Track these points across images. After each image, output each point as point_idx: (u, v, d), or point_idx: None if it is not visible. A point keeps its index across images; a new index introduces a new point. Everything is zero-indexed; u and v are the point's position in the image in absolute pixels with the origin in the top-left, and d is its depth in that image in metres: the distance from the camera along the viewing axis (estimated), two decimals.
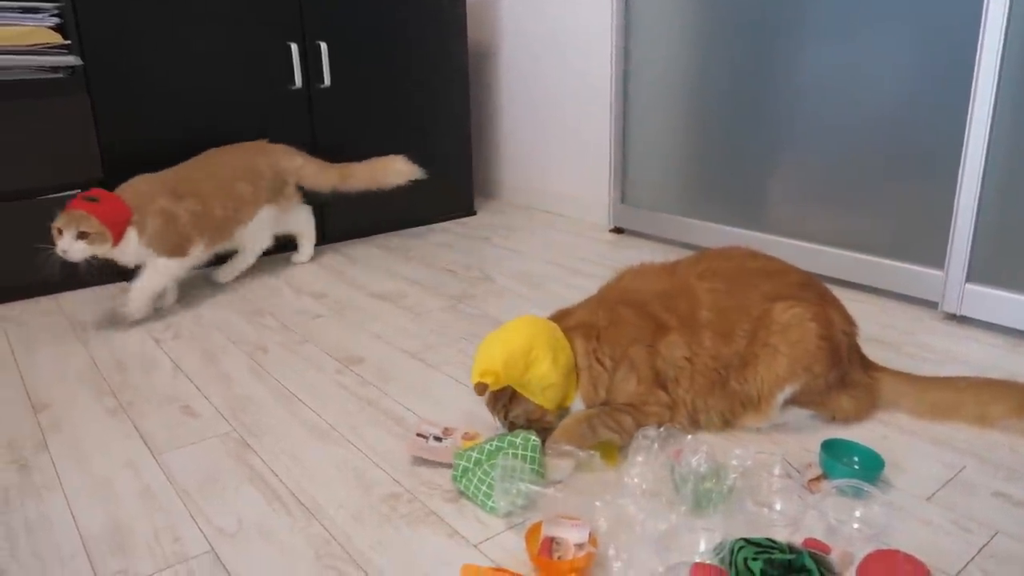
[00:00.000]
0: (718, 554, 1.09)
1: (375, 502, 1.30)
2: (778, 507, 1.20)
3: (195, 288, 2.54)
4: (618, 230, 3.12)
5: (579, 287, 2.42)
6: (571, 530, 1.11)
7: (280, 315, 2.27)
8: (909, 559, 1.09)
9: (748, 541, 1.11)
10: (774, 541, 1.11)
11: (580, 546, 1.09)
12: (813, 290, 1.47)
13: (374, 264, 2.79)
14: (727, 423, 1.45)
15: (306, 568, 1.12)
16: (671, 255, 2.80)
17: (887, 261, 2.21)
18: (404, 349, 1.99)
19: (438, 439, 1.46)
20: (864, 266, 2.26)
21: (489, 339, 1.36)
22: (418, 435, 1.49)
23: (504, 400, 1.38)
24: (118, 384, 1.82)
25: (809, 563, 1.06)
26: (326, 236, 3.06)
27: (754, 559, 1.06)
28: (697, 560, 1.05)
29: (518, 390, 1.36)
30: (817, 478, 1.30)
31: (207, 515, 1.30)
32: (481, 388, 1.32)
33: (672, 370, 1.41)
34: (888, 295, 2.24)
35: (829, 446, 1.35)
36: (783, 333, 1.40)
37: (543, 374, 1.34)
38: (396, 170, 2.76)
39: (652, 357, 1.40)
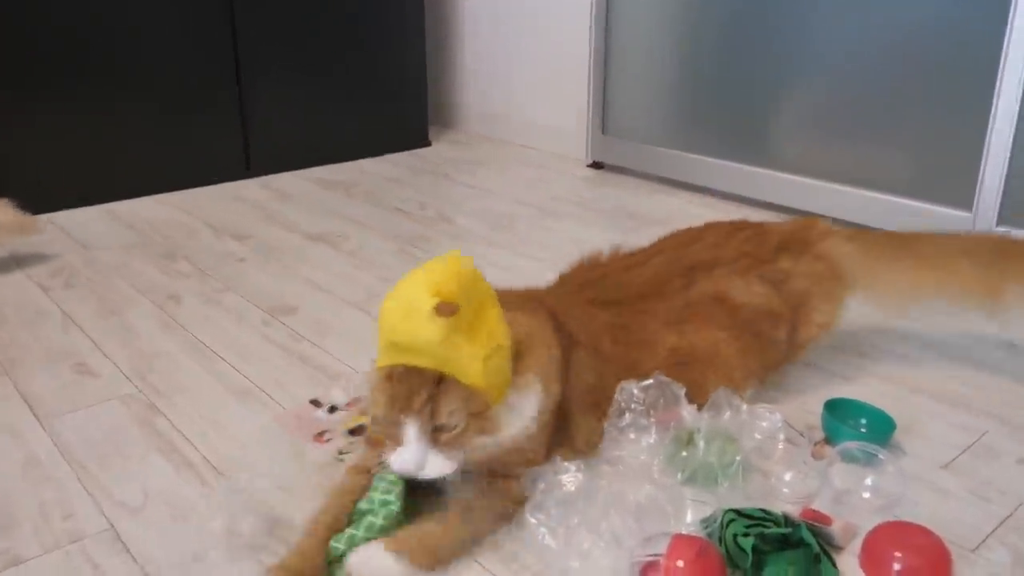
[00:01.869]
0: (706, 528, 1.10)
1: (308, 471, 1.28)
2: (787, 477, 1.21)
3: (90, 227, 2.47)
4: (597, 165, 3.10)
5: (553, 230, 2.40)
6: None
7: (196, 259, 2.22)
8: (923, 531, 1.10)
9: (739, 513, 1.11)
10: (768, 512, 1.12)
11: None
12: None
13: (309, 201, 2.74)
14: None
15: (225, 547, 1.10)
16: (657, 194, 2.81)
17: (907, 201, 2.23)
18: (344, 298, 1.96)
19: (333, 409, 1.43)
20: (880, 206, 2.27)
21: (413, 272, 1.07)
22: (312, 402, 1.48)
23: (427, 388, 1.03)
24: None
25: (807, 536, 1.07)
26: (251, 166, 2.99)
27: (744, 535, 1.06)
28: (681, 531, 1.06)
29: (448, 367, 1.03)
30: (820, 443, 1.31)
31: (106, 488, 1.27)
32: (450, 307, 1.00)
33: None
34: None
35: (833, 407, 1.36)
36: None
37: (496, 323, 1.09)
38: None
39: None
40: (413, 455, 1.05)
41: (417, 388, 1.04)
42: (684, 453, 1.23)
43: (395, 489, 1.10)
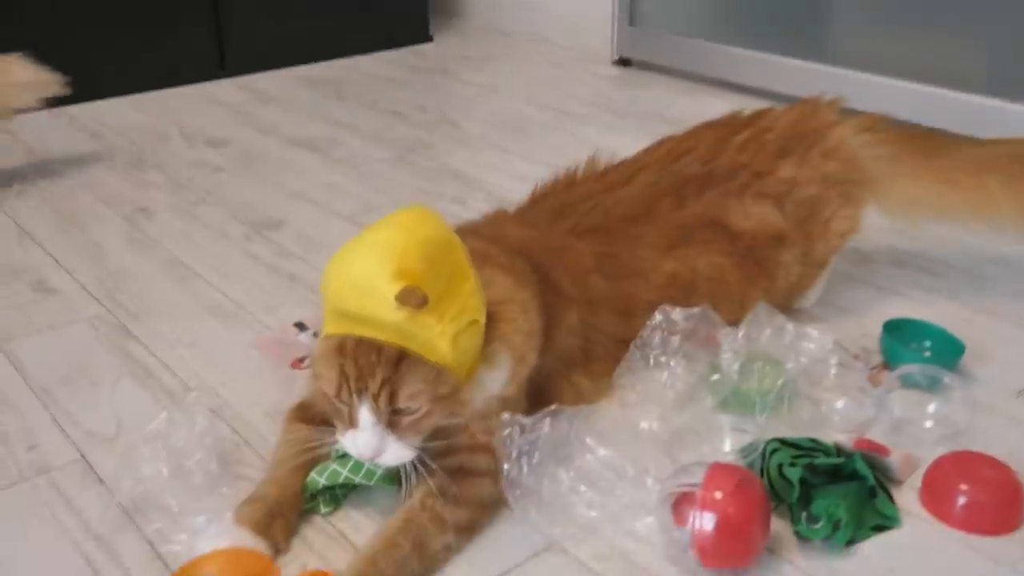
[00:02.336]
0: (746, 457, 1.11)
1: (288, 399, 1.29)
2: (839, 405, 1.21)
3: (46, 132, 2.45)
4: (624, 61, 3.05)
5: (574, 136, 2.37)
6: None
7: (168, 168, 2.21)
8: (992, 463, 1.11)
9: (784, 442, 1.12)
10: (817, 442, 1.12)
11: None
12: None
13: (294, 103, 2.71)
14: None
15: (211, 478, 1.12)
16: (694, 95, 2.75)
17: (981, 99, 2.18)
18: (336, 211, 1.95)
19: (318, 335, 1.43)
20: (950, 105, 2.22)
21: (369, 234, 1.00)
22: (296, 324, 1.48)
23: (386, 368, 0.97)
24: None
25: (862, 468, 1.07)
26: (226, 65, 2.95)
27: (791, 464, 1.07)
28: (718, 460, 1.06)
29: (412, 344, 0.97)
30: (877, 367, 1.31)
31: (74, 417, 1.28)
32: (416, 297, 0.94)
33: None
34: None
35: (893, 328, 1.36)
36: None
37: (470, 296, 1.02)
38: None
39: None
40: (368, 442, 0.98)
41: (374, 366, 0.96)
42: (716, 376, 1.23)
43: None
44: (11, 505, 1.12)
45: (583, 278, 1.27)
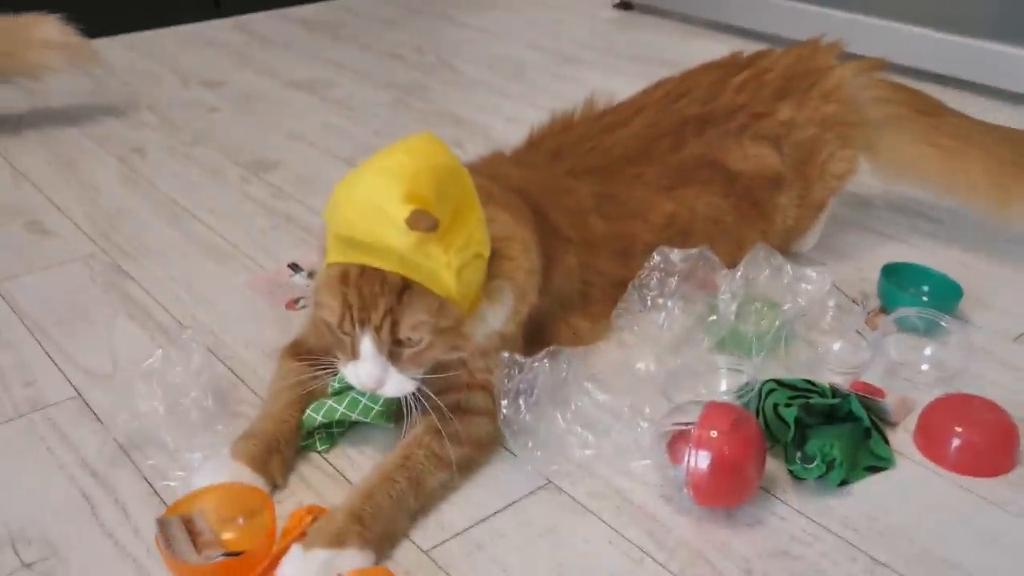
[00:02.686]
0: (742, 397, 1.11)
1: (279, 339, 1.28)
2: (836, 347, 1.20)
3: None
4: (625, 4, 2.99)
5: (572, 80, 2.34)
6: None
7: (161, 109, 2.18)
8: (987, 405, 1.10)
9: (780, 383, 1.12)
10: (812, 383, 1.12)
11: (249, 519, 0.93)
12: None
13: (289, 44, 2.67)
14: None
15: (207, 415, 1.11)
16: (697, 39, 2.71)
17: (996, 47, 2.14)
18: (333, 153, 1.93)
19: (313, 275, 1.40)
20: (967, 53, 2.18)
21: (378, 159, 0.97)
22: (290, 265, 1.47)
23: (389, 297, 0.96)
24: None
25: (857, 409, 1.07)
26: (221, 4, 2.90)
27: (787, 405, 1.07)
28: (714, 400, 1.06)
29: (416, 275, 0.96)
30: (874, 311, 1.30)
31: (69, 354, 1.28)
32: (427, 220, 0.91)
33: None
34: None
35: (891, 272, 1.35)
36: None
37: (477, 227, 1.01)
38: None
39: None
40: (370, 372, 0.97)
41: (377, 296, 0.95)
42: (712, 318, 1.22)
43: None
44: (7, 440, 1.12)
45: (582, 219, 1.26)
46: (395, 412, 1.07)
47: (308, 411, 1.06)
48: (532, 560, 0.94)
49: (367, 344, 0.97)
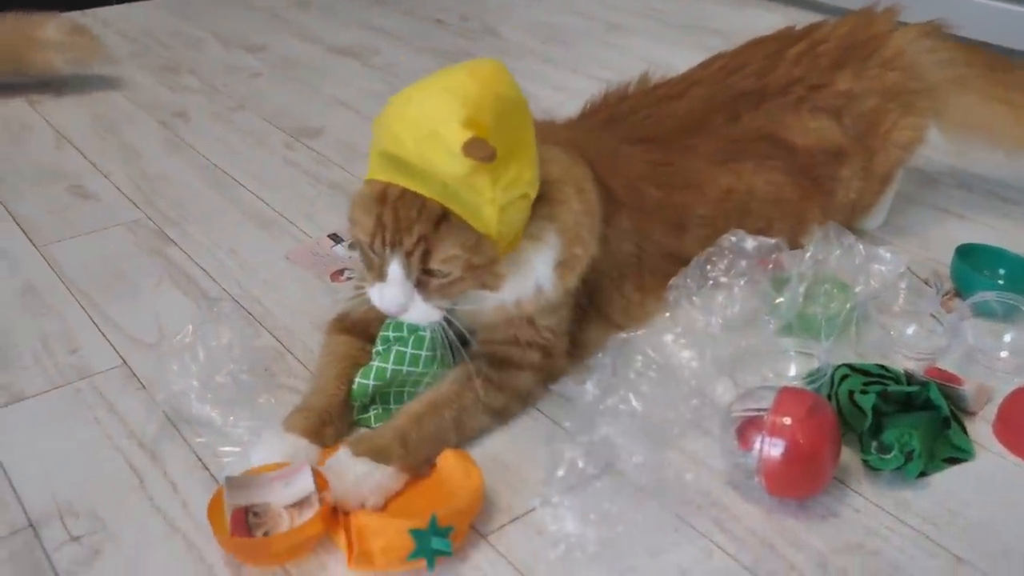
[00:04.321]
0: (813, 382, 1.05)
1: (325, 311, 1.24)
2: (909, 331, 1.14)
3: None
4: None
5: (619, 48, 2.27)
6: (281, 491, 0.90)
7: (203, 73, 2.14)
8: None
9: (853, 368, 1.06)
10: (886, 369, 1.07)
11: (299, 506, 0.90)
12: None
13: (331, 8, 2.61)
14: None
15: (246, 388, 1.07)
16: (748, 7, 2.62)
17: None
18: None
19: (354, 246, 1.38)
20: None
21: (440, 77, 0.93)
22: (331, 236, 1.43)
23: (424, 224, 0.92)
24: None
25: (936, 397, 1.02)
26: None
27: (863, 392, 1.01)
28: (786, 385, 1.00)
29: (457, 206, 0.92)
30: (949, 294, 1.24)
31: (114, 321, 1.24)
32: (485, 149, 0.86)
33: None
34: None
35: (966, 253, 1.29)
36: None
37: (528, 167, 0.96)
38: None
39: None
40: (394, 296, 0.95)
41: (413, 222, 0.92)
42: (779, 300, 1.16)
43: None
44: (53, 408, 1.08)
45: (635, 185, 1.21)
46: (444, 358, 1.05)
47: (357, 379, 1.02)
48: (595, 546, 0.89)
49: (395, 268, 0.94)
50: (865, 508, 0.95)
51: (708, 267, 1.15)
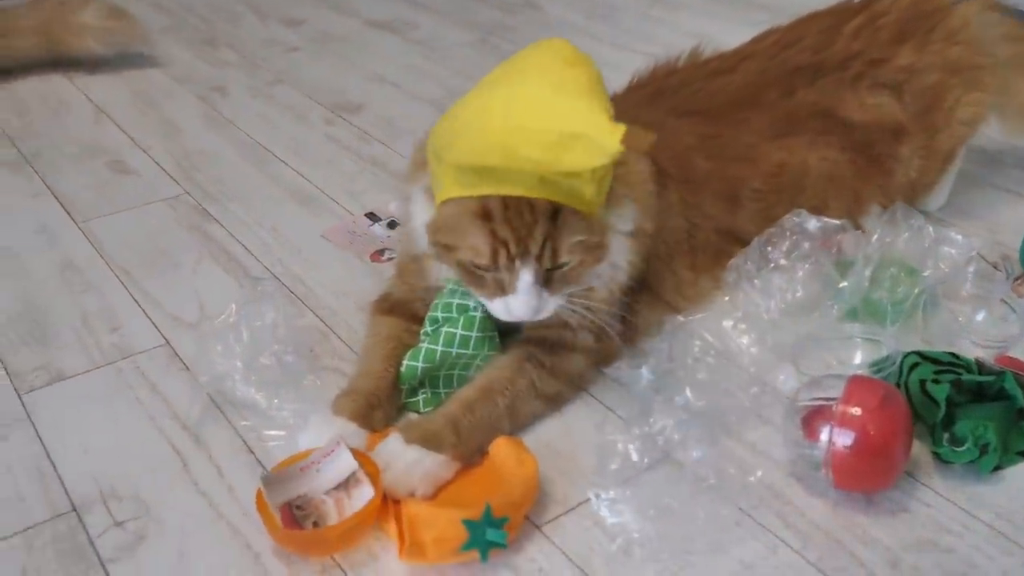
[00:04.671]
0: (880, 371, 1.00)
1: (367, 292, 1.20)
2: (979, 317, 1.09)
3: None
4: None
5: (664, 22, 2.21)
6: (316, 477, 0.87)
7: (242, 47, 2.10)
8: None
9: (924, 356, 1.01)
10: (957, 357, 1.01)
11: (344, 488, 0.87)
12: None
13: None
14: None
15: (291, 370, 1.04)
16: None
17: None
18: (417, 95, 1.84)
19: (393, 224, 1.35)
20: None
21: (536, 77, 0.88)
22: (367, 215, 1.39)
23: (544, 225, 0.89)
24: (18, 130, 1.71)
25: (1012, 387, 0.96)
26: None
27: (935, 381, 0.96)
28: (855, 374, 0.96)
29: (564, 197, 0.88)
30: (1021, 278, 1.19)
31: (156, 299, 1.22)
32: (641, 135, 0.84)
33: None
34: None
35: None
36: None
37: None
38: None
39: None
40: (528, 303, 0.91)
41: (532, 226, 0.88)
42: (843, 284, 1.11)
43: None
44: (95, 389, 1.06)
45: (683, 156, 1.17)
46: (496, 339, 1.02)
47: (406, 361, 0.99)
48: (654, 541, 0.86)
49: (526, 276, 0.90)
50: (936, 503, 0.90)
51: (769, 248, 1.10)
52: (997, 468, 0.92)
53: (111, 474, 0.94)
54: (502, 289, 0.92)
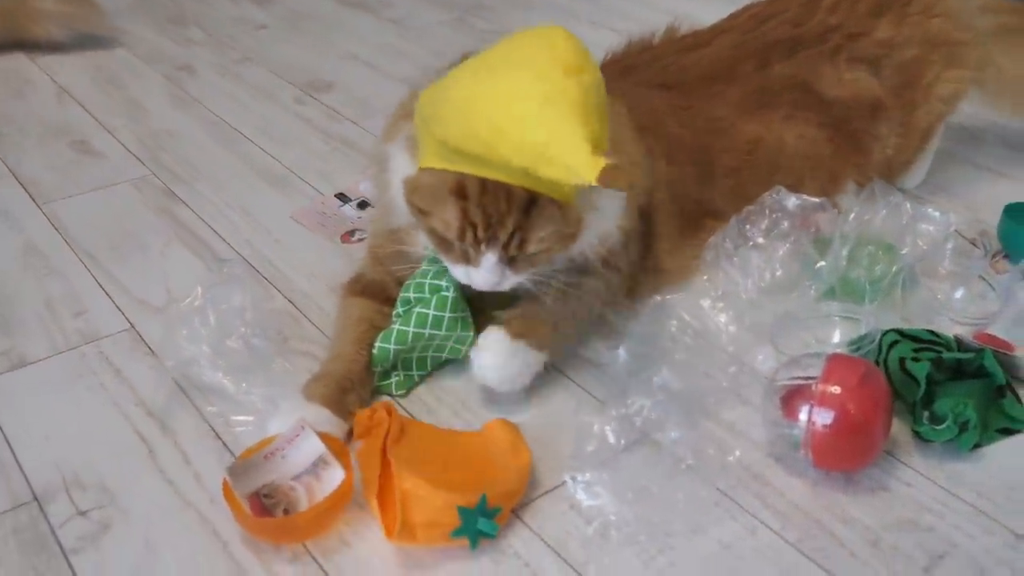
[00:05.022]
0: (859, 350, 0.99)
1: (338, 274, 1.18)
2: (957, 295, 1.09)
3: None
4: None
5: (647, 2, 2.18)
6: (282, 464, 0.85)
7: (209, 25, 2.06)
8: None
9: (902, 334, 1.00)
10: (936, 334, 1.01)
11: (313, 472, 0.85)
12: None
13: None
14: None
15: (259, 354, 1.02)
16: None
17: None
18: (390, 74, 1.81)
19: (364, 205, 1.33)
20: None
21: (536, 84, 0.82)
22: (337, 196, 1.37)
23: (517, 215, 0.87)
24: None
25: (991, 364, 0.96)
26: None
27: (915, 359, 0.95)
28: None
29: (536, 186, 0.86)
30: (998, 255, 1.18)
31: (121, 283, 1.19)
32: (619, 175, 0.79)
33: None
34: None
35: (1015, 212, 1.22)
36: None
37: (604, 134, 0.90)
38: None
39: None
40: (487, 278, 0.91)
41: (504, 215, 0.87)
42: (821, 263, 1.10)
43: (448, 272, 0.97)
44: (58, 375, 1.04)
45: (655, 121, 1.14)
46: (469, 320, 1.00)
47: (378, 343, 0.97)
48: (632, 524, 0.84)
49: (490, 258, 0.90)
50: (917, 482, 0.90)
51: (747, 226, 1.08)
52: (977, 446, 0.92)
53: (74, 462, 0.91)
54: (467, 260, 0.91)
